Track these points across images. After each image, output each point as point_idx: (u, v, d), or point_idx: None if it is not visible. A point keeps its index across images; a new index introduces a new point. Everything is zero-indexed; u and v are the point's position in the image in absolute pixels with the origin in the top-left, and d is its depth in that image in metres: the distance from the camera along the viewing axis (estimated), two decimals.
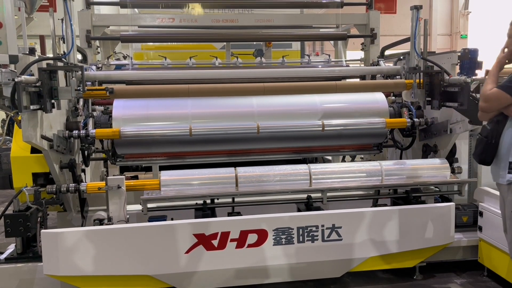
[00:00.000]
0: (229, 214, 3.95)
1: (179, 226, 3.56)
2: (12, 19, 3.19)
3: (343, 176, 4.06)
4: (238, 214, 3.93)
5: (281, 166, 4.06)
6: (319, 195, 4.03)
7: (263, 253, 3.63)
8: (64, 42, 3.85)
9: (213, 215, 3.93)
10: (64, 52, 3.84)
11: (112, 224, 3.62)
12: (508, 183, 3.04)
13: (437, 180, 4.17)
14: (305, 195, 4.08)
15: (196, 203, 4.00)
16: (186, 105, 4.27)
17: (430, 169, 4.19)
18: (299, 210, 4.12)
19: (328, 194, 4.02)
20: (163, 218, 3.86)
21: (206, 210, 3.92)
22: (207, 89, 4.28)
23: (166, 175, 3.88)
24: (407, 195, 4.20)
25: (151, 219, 3.80)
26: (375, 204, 4.32)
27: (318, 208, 3.98)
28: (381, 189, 4.22)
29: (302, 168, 4.05)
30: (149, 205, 3.81)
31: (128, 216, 3.71)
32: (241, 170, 3.93)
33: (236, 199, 4.06)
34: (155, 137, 4.12)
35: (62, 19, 3.77)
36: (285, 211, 3.85)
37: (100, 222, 3.71)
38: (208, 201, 3.97)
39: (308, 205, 4.06)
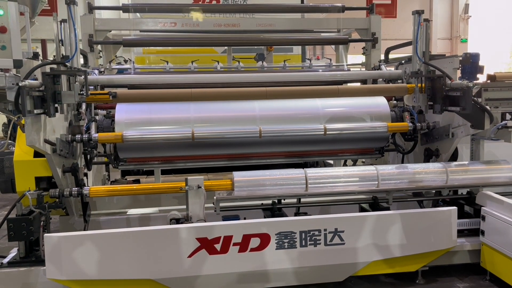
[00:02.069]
0: (296, 214, 4.06)
1: (181, 230, 3.55)
2: (16, 24, 3.21)
3: (409, 177, 4.16)
4: (305, 214, 4.02)
5: (349, 168, 4.20)
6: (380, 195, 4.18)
7: (266, 257, 3.63)
8: (62, 45, 3.81)
9: (281, 214, 4.00)
10: (63, 54, 3.81)
11: (192, 223, 3.69)
12: None
13: (503, 181, 4.23)
14: (370, 196, 4.22)
15: (262, 203, 4.09)
16: (189, 109, 4.29)
17: (495, 170, 4.26)
18: (362, 210, 4.23)
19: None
20: (236, 218, 3.93)
21: (275, 210, 4.01)
22: (210, 93, 4.30)
23: (239, 176, 3.94)
24: (469, 196, 4.24)
25: (225, 218, 3.87)
26: (435, 205, 4.41)
27: (387, 209, 4.07)
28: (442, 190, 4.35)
29: (370, 169, 4.15)
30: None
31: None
32: (311, 171, 4.03)
33: (302, 200, 4.16)
34: (157, 141, 4.13)
35: (60, 21, 3.73)
36: (350, 212, 3.98)
37: (177, 221, 3.77)
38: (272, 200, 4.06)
39: (374, 205, 4.16)
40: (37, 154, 3.78)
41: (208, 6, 5.84)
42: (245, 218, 3.93)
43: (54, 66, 3.67)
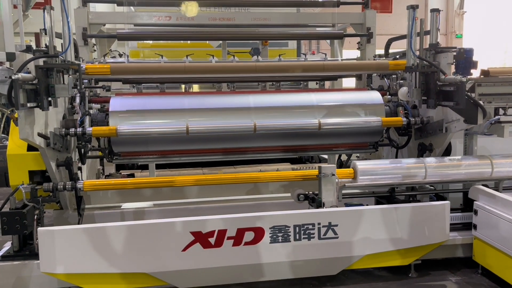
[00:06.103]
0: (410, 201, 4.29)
1: (176, 224, 3.56)
2: (9, 17, 3.19)
3: None
4: (418, 201, 4.26)
5: (463, 157, 4.37)
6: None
7: (260, 251, 3.64)
8: (46, 34, 3.71)
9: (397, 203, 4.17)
10: (46, 44, 3.71)
11: (325, 208, 3.83)
12: None
13: None
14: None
15: (373, 192, 4.34)
16: (183, 103, 4.28)
17: None
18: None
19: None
20: (360, 204, 4.08)
21: (393, 198, 4.22)
22: (203, 67, 4.43)
23: (362, 165, 4.08)
24: None
25: (347, 205, 4.03)
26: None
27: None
28: None
29: (483, 158, 4.28)
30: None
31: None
32: (428, 160, 4.20)
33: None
34: (151, 136, 4.12)
35: (44, 8, 3.54)
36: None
37: (305, 196, 3.93)
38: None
39: None
40: (30, 148, 3.76)
41: (203, 0, 5.81)
42: (367, 205, 4.07)
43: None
